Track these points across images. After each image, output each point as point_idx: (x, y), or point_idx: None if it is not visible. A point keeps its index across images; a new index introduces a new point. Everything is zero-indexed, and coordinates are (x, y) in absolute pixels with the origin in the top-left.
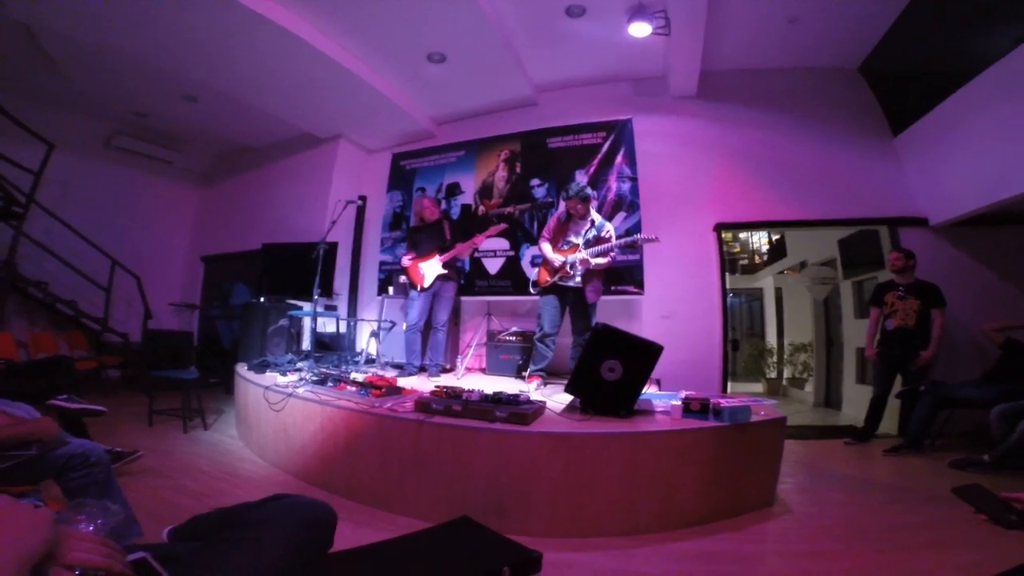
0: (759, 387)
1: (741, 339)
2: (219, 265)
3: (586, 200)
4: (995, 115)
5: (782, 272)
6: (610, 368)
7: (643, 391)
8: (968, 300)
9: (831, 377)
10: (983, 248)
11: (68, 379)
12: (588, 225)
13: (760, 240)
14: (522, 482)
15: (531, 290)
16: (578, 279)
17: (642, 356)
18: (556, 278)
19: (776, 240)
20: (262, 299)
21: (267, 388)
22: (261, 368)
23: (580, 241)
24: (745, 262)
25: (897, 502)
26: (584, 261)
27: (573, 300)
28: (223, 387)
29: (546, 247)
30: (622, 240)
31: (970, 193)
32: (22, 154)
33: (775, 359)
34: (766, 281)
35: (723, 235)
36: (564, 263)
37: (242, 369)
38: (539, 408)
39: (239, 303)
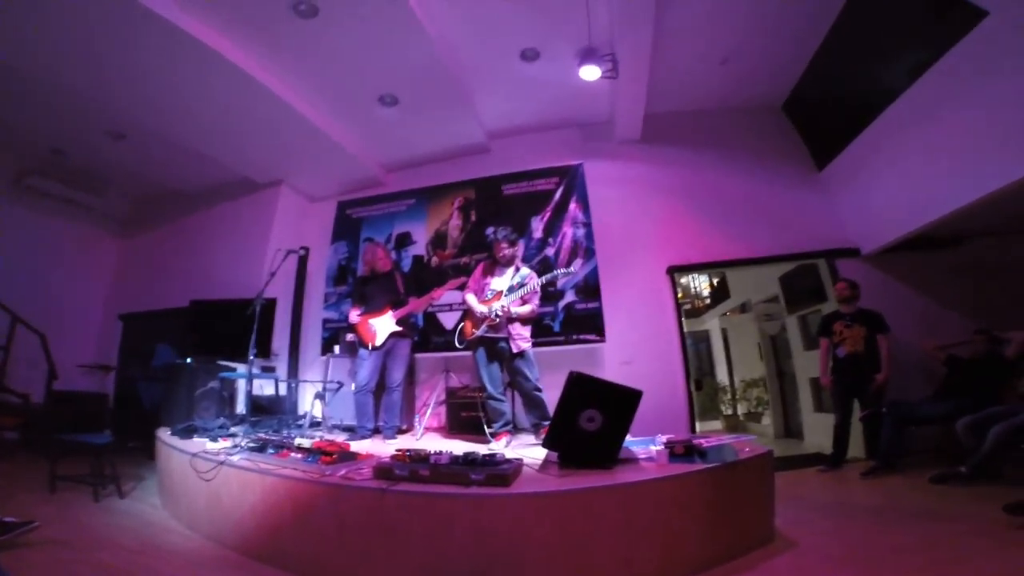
0: (717, 424)
1: (700, 378)
2: (140, 323)
3: (513, 244)
4: (906, 145)
5: (726, 314)
6: (589, 418)
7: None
8: (907, 322)
9: (788, 408)
10: (913, 272)
11: None
12: (512, 272)
13: (701, 284)
14: (510, 548)
15: (457, 344)
16: (505, 329)
17: (621, 403)
18: (482, 330)
19: (718, 282)
20: (188, 360)
21: (195, 455)
22: (187, 433)
23: (504, 287)
24: (688, 307)
25: (894, 523)
26: (505, 309)
27: (502, 351)
28: (144, 452)
29: (470, 297)
30: (541, 279)
31: (894, 221)
32: None
33: (729, 396)
34: (712, 323)
35: (675, 277)
36: (488, 312)
37: (164, 434)
38: (518, 466)
39: (162, 364)
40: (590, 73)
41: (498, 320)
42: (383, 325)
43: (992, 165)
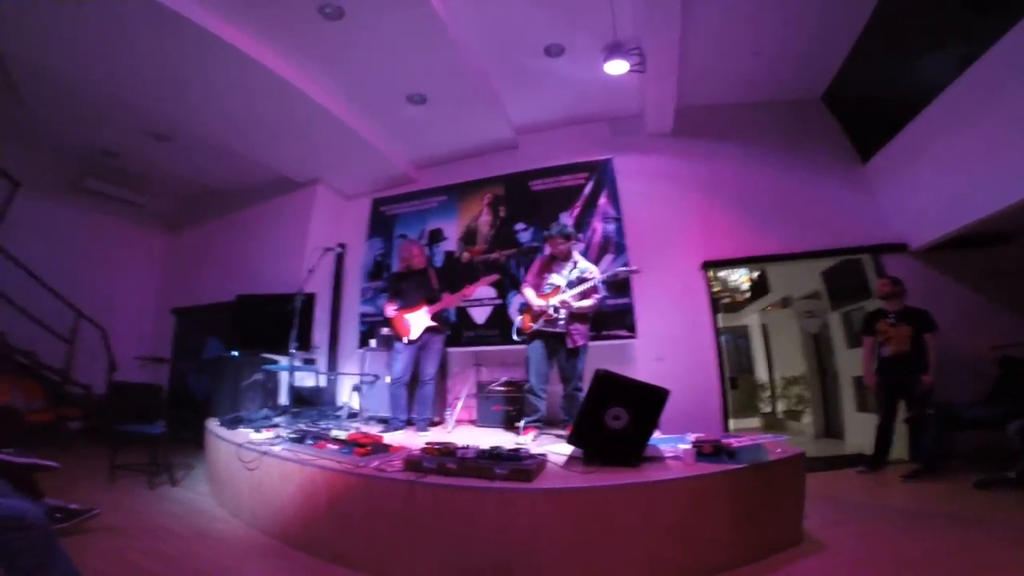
0: (755, 422)
1: (736, 376)
2: (190, 317)
3: (568, 238)
4: (957, 138)
5: (766, 309)
6: (615, 416)
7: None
8: (957, 321)
9: (829, 407)
10: (964, 270)
11: (14, 431)
12: (571, 267)
13: (740, 278)
14: (530, 542)
15: (515, 337)
16: (562, 324)
17: (648, 401)
18: (539, 323)
19: (757, 277)
20: (235, 353)
21: (240, 446)
22: (234, 424)
23: (563, 283)
24: (728, 301)
25: (929, 528)
26: (566, 303)
27: (558, 346)
28: (194, 442)
29: (528, 292)
30: (603, 275)
31: (944, 216)
32: None
33: (768, 394)
34: (751, 318)
35: (710, 272)
36: (546, 307)
37: (213, 425)
38: (541, 462)
39: (211, 357)
40: (617, 68)
41: (556, 315)
42: (418, 320)
43: None
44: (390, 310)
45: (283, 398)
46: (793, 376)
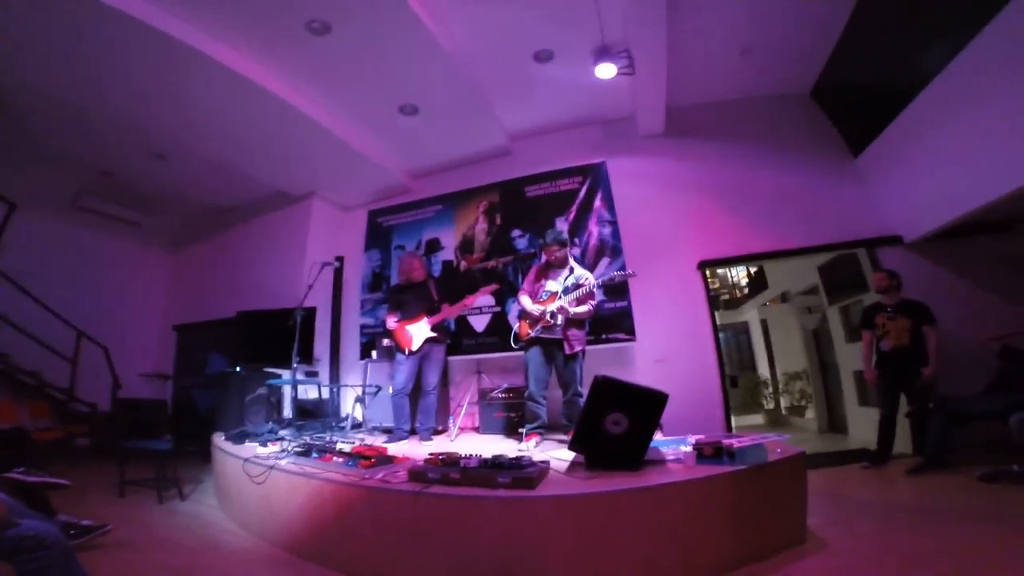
0: (759, 418)
1: (737, 374)
2: (193, 334)
3: (563, 244)
4: (947, 128)
5: (765, 304)
6: (615, 421)
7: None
8: (956, 312)
9: (832, 402)
10: (961, 260)
11: (24, 451)
12: (567, 273)
13: (739, 274)
14: (534, 549)
15: (512, 344)
16: (559, 330)
17: (647, 406)
18: (536, 330)
19: (755, 273)
20: (238, 368)
21: (246, 460)
22: (240, 438)
23: (559, 289)
24: (727, 297)
25: (935, 524)
26: (563, 309)
27: (556, 352)
28: (200, 455)
29: (524, 299)
30: (599, 279)
31: (939, 206)
32: None
33: (771, 390)
34: (751, 314)
35: (706, 272)
36: (543, 312)
37: (219, 440)
38: (543, 469)
39: (214, 372)
40: (606, 71)
41: (553, 321)
42: (419, 331)
43: None
44: (391, 322)
45: (287, 411)
46: (795, 371)
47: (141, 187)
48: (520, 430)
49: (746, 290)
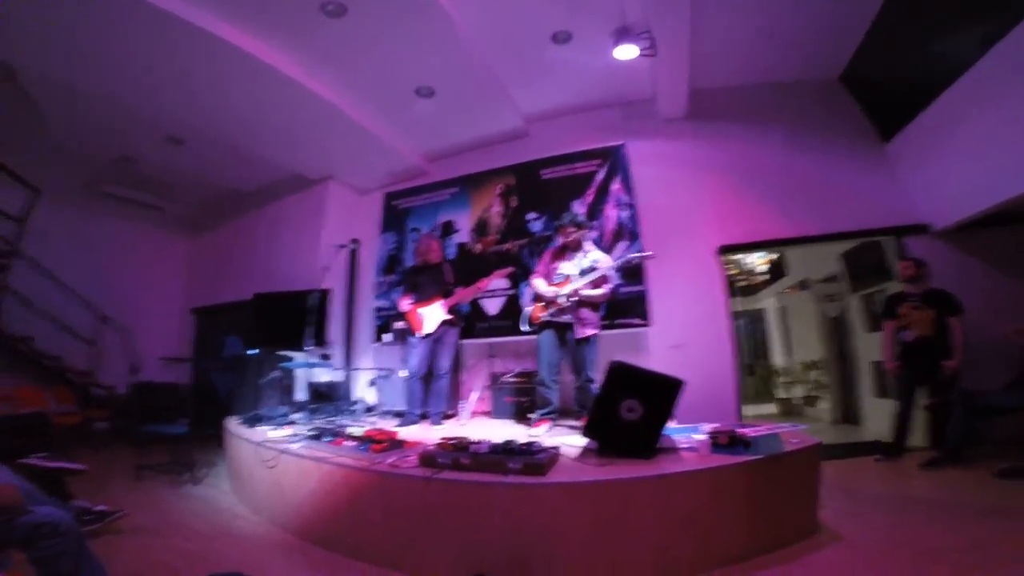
0: (772, 408)
1: (751, 362)
2: (210, 317)
3: (579, 227)
4: (982, 117)
5: (783, 291)
6: (629, 408)
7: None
8: (983, 304)
9: (847, 393)
10: (991, 250)
11: (45, 436)
12: (582, 256)
13: (757, 261)
14: (545, 535)
15: (524, 328)
16: (572, 314)
17: (662, 392)
18: (549, 313)
19: (775, 260)
20: (253, 351)
21: (259, 444)
22: (254, 421)
23: (574, 272)
24: (744, 283)
25: (950, 519)
26: (577, 292)
27: (568, 336)
28: (217, 439)
29: (538, 282)
30: (616, 262)
31: (969, 197)
32: (2, 201)
33: (785, 379)
34: (768, 302)
35: (726, 257)
36: (556, 296)
37: (233, 423)
38: (554, 455)
39: (231, 355)
40: (627, 52)
41: (567, 304)
42: (433, 314)
43: None
44: (406, 304)
45: (300, 394)
46: (811, 361)
47: (162, 173)
48: (530, 415)
49: (765, 277)
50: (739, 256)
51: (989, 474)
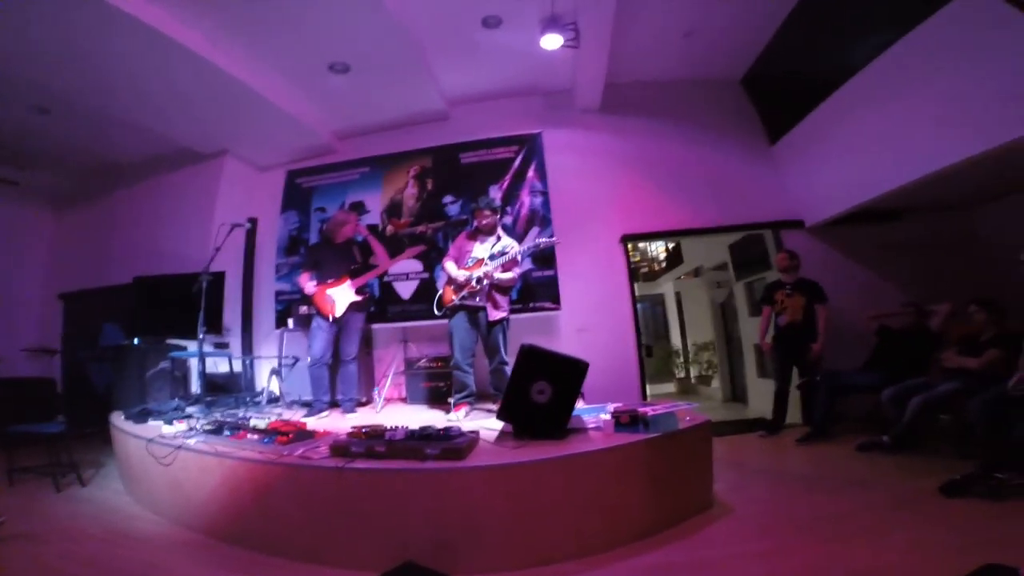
0: (671, 387)
1: (651, 343)
2: (83, 303)
3: (495, 211)
4: (857, 123)
5: (680, 278)
6: (539, 390)
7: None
8: (847, 293)
9: (735, 373)
10: (852, 244)
11: None
12: (494, 240)
13: (657, 248)
14: (466, 518)
15: (435, 311)
16: (483, 297)
17: (570, 374)
18: (460, 297)
19: (673, 248)
20: (136, 340)
21: (150, 440)
22: (142, 417)
23: (485, 256)
24: (646, 270)
25: (821, 491)
26: (488, 275)
27: (480, 320)
28: (100, 437)
29: (450, 265)
30: (524, 247)
31: (836, 197)
32: None
33: (682, 359)
34: (667, 287)
35: (628, 245)
36: (469, 278)
37: (118, 419)
38: (472, 439)
39: (109, 344)
40: (552, 42)
41: (478, 287)
42: (342, 295)
43: (935, 146)
44: (310, 285)
45: (195, 386)
46: (704, 342)
47: (21, 143)
48: (449, 400)
49: (664, 264)
50: (643, 244)
51: (850, 449)
